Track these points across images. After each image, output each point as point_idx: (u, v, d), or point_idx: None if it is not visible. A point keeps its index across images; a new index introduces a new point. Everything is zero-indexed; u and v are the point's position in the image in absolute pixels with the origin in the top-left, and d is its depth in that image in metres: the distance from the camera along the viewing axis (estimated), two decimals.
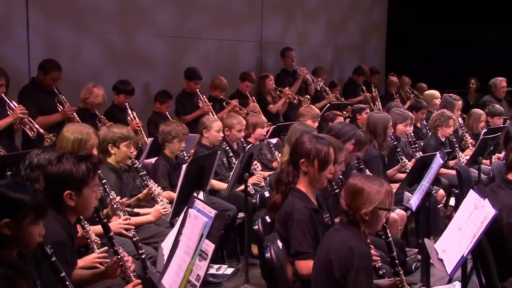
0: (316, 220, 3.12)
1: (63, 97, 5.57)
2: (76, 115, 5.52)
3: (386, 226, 2.83)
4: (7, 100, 5.06)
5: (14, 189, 2.31)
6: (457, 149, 6.33)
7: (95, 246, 3.25)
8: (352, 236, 2.70)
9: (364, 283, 2.60)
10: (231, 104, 7.08)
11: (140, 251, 3.54)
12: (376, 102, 9.17)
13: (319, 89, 8.41)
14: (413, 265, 4.75)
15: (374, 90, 9.32)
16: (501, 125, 6.74)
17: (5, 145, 4.99)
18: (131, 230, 3.65)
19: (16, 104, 5.04)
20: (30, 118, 5.08)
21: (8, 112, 5.03)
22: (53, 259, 2.38)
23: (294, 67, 8.32)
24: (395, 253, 2.86)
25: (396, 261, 2.85)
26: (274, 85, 7.83)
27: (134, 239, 3.62)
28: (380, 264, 3.14)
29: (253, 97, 7.51)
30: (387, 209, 2.75)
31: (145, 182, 4.30)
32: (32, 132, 5.04)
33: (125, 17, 7.11)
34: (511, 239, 2.84)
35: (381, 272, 3.09)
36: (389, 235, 2.86)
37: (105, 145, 4.06)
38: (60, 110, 5.50)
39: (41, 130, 5.05)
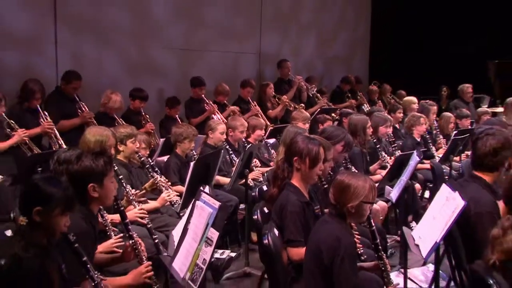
0: (307, 212, 3.11)
1: (83, 103, 5.60)
2: (97, 119, 5.54)
3: (370, 217, 2.83)
4: (40, 111, 5.13)
5: (49, 183, 2.32)
6: (431, 147, 6.36)
7: (112, 233, 3.26)
8: (339, 227, 2.70)
9: (348, 269, 2.60)
10: (229, 109, 7.07)
11: (154, 236, 3.55)
12: (365, 105, 9.17)
13: (311, 95, 8.42)
14: (393, 250, 4.75)
15: (360, 96, 9.33)
16: (469, 127, 6.84)
17: (34, 145, 5.02)
18: (146, 218, 3.67)
19: (47, 119, 5.09)
20: (56, 132, 5.12)
21: (40, 121, 5.10)
22: (75, 245, 2.38)
23: (290, 76, 8.34)
24: (378, 240, 2.86)
25: (380, 247, 2.85)
26: (273, 93, 7.85)
27: (148, 226, 3.63)
28: (362, 250, 3.14)
29: (254, 102, 7.52)
30: (371, 202, 2.75)
31: (151, 173, 4.30)
32: (55, 147, 5.08)
33: (140, 33, 7.11)
34: (478, 227, 2.84)
35: (363, 258, 3.09)
36: (373, 224, 2.86)
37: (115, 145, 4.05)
38: (79, 115, 5.52)
39: (63, 145, 5.05)
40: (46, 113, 5.14)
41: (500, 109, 8.40)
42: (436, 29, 11.14)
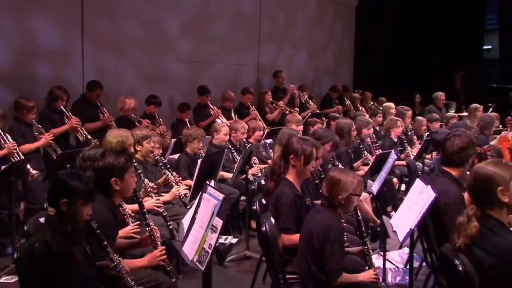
0: (299, 204, 3.12)
1: (105, 109, 5.62)
2: (117, 122, 5.56)
3: (357, 208, 2.84)
4: (65, 112, 5.17)
5: (73, 178, 2.33)
6: (407, 146, 6.39)
7: (130, 220, 3.27)
8: (330, 216, 2.70)
9: (337, 252, 2.62)
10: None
11: (168, 223, 3.56)
12: (351, 110, 9.19)
13: (303, 101, 8.44)
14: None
15: (348, 103, 9.34)
16: (439, 129, 6.86)
17: (62, 143, 5.09)
18: (161, 207, 3.68)
19: (72, 116, 5.15)
20: (81, 127, 5.17)
21: (65, 121, 5.15)
22: (97, 231, 2.40)
23: (284, 85, 8.36)
24: (363, 228, 2.87)
25: (364, 234, 2.86)
26: (271, 99, 7.86)
27: (164, 214, 3.64)
28: (346, 238, 3.14)
29: (253, 106, 7.53)
30: (358, 195, 2.76)
31: (163, 170, 4.32)
32: (82, 138, 5.13)
33: (154, 47, 7.11)
34: (447, 215, 2.85)
35: (346, 245, 3.10)
36: (359, 214, 2.87)
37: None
38: (101, 119, 5.55)
39: (89, 136, 5.13)
40: (70, 113, 5.20)
41: (465, 114, 8.48)
42: (411, 45, 11.37)
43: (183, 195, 4.13)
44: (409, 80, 10.74)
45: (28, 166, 4.27)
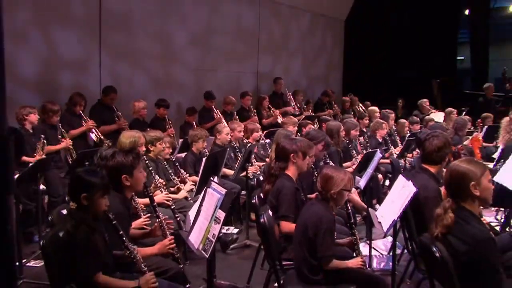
0: (298, 196, 3.14)
1: (119, 113, 5.64)
2: (130, 124, 5.58)
3: (347, 202, 2.84)
4: (83, 115, 5.24)
5: (90, 174, 2.35)
6: (391, 146, 6.38)
7: (142, 213, 3.27)
8: (323, 208, 2.71)
9: (328, 241, 2.63)
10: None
11: (176, 215, 3.55)
12: (338, 114, 9.19)
13: (298, 106, 8.44)
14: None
15: (335, 108, 9.34)
16: (419, 130, 6.87)
17: (81, 143, 5.15)
18: (170, 201, 3.68)
19: (89, 119, 5.23)
20: (97, 129, 5.26)
21: (83, 123, 5.22)
22: (114, 222, 2.41)
23: (282, 90, 8.38)
24: (352, 220, 2.87)
25: (354, 225, 2.87)
26: (268, 104, 7.86)
27: (172, 207, 3.64)
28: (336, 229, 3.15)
29: (254, 110, 7.52)
30: (349, 190, 2.78)
31: (173, 176, 4.33)
32: (97, 138, 5.17)
33: (164, 56, 7.11)
34: (426, 208, 2.85)
35: (336, 237, 3.10)
36: (349, 208, 2.88)
37: (146, 145, 4.07)
38: (116, 122, 5.55)
39: (102, 137, 5.19)
40: (88, 117, 5.26)
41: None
42: (394, 54, 11.50)
43: (190, 198, 4.16)
44: (392, 86, 10.79)
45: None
